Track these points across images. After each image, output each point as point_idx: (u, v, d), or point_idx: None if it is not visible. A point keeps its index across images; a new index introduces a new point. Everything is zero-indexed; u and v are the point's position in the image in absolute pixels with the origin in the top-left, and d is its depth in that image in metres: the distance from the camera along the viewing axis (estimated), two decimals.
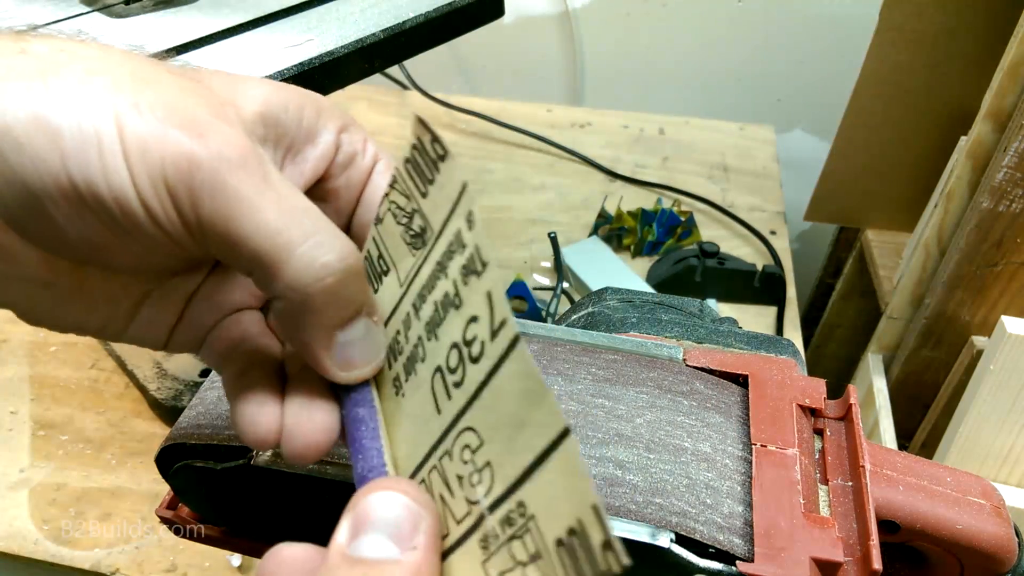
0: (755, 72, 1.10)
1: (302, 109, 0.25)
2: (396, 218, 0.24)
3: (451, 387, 0.21)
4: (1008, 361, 0.63)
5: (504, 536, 0.18)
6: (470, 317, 0.20)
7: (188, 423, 0.32)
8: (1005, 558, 0.30)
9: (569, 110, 1.05)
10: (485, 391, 0.19)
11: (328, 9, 0.53)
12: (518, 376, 0.18)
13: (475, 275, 0.20)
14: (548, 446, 0.17)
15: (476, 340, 0.20)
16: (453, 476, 0.20)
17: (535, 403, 0.17)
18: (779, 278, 0.74)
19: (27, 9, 0.50)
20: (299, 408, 0.23)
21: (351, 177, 0.26)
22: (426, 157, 0.22)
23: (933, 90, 0.80)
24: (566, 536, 0.16)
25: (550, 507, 0.17)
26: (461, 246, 0.20)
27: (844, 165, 0.88)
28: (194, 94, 0.21)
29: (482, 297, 0.19)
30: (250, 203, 0.20)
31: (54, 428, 0.62)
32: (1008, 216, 0.64)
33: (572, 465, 0.16)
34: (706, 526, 0.27)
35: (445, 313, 0.21)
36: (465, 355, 0.20)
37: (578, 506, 0.16)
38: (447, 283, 0.21)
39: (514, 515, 0.18)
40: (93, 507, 0.57)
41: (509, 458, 0.18)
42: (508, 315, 0.19)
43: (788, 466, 0.29)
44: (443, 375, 0.21)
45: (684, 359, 0.34)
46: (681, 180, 0.91)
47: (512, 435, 0.18)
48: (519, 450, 0.18)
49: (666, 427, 0.30)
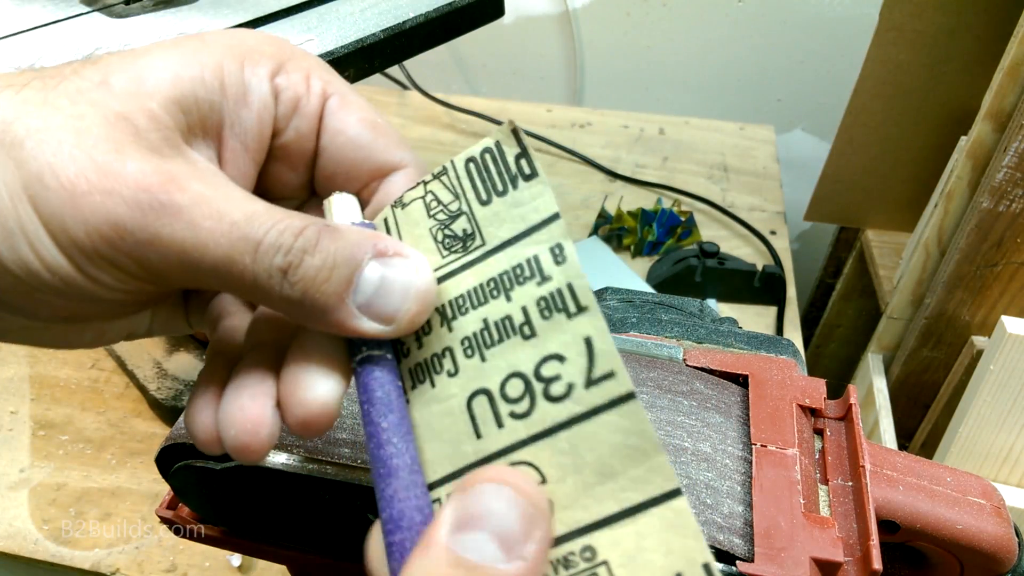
0: (755, 72, 1.10)
1: (221, 69, 0.22)
2: (429, 210, 0.22)
3: (505, 416, 0.20)
4: (1008, 361, 0.63)
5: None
6: (551, 354, 0.19)
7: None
8: (1005, 558, 0.30)
9: (569, 110, 1.05)
10: (563, 432, 0.19)
11: (328, 9, 0.53)
12: (622, 431, 0.18)
13: (563, 313, 0.19)
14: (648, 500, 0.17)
15: (560, 380, 0.19)
16: None
17: (637, 460, 0.18)
18: (779, 278, 0.74)
19: (27, 9, 0.50)
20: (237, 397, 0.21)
21: (299, 127, 0.23)
22: (502, 167, 0.21)
23: (933, 90, 0.80)
24: None
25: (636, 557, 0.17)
26: (540, 275, 0.20)
27: (844, 165, 0.88)
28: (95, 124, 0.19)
29: (575, 339, 0.19)
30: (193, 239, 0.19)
31: (54, 428, 0.62)
32: (1008, 216, 0.64)
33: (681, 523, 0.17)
34: (706, 526, 0.27)
35: (503, 337, 0.20)
36: (538, 390, 0.19)
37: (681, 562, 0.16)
38: (510, 307, 0.20)
39: (575, 558, 0.18)
40: (93, 507, 0.57)
41: (583, 502, 0.18)
42: (619, 369, 0.18)
43: (788, 466, 0.29)
44: (493, 401, 0.20)
45: (684, 359, 0.34)
46: (681, 180, 0.91)
47: (593, 482, 0.18)
48: (599, 498, 0.18)
49: (666, 427, 0.30)
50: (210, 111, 0.22)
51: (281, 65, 0.23)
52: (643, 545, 0.17)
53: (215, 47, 0.22)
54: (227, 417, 0.21)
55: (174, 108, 0.21)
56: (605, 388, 0.18)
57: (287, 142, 0.24)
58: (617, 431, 0.18)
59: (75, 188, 0.19)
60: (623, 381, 0.18)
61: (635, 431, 0.18)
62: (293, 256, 0.20)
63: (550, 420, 0.19)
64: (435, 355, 0.22)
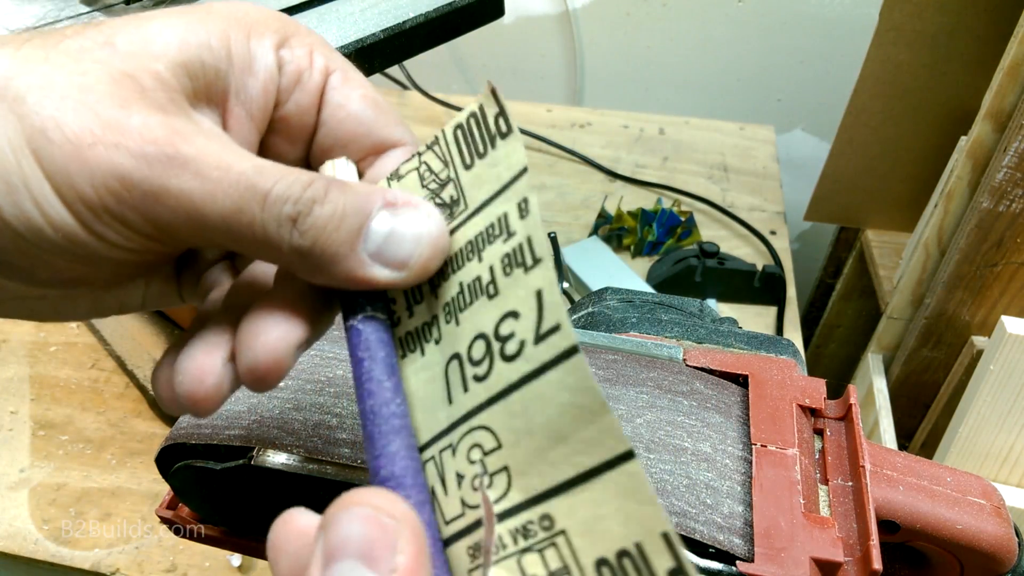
0: (755, 72, 1.10)
1: (227, 39, 0.22)
2: (423, 180, 0.22)
3: (470, 379, 0.19)
4: (1008, 361, 0.63)
5: (514, 547, 0.18)
6: (508, 311, 0.19)
7: (188, 423, 0.32)
8: (1005, 558, 0.30)
9: (569, 110, 1.05)
10: (515, 393, 0.18)
11: (328, 9, 0.53)
12: (568, 388, 0.17)
13: (521, 268, 0.19)
14: (600, 464, 0.16)
15: (513, 338, 0.18)
16: (452, 473, 0.19)
17: (585, 420, 0.17)
18: (779, 278, 0.74)
19: (27, 9, 0.50)
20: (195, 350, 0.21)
21: (300, 101, 0.23)
22: (483, 129, 0.21)
23: (933, 90, 0.80)
24: (615, 558, 0.16)
25: (593, 526, 0.16)
26: (507, 232, 0.19)
27: (844, 165, 0.88)
28: (99, 81, 0.19)
29: (528, 294, 0.18)
30: (201, 190, 0.19)
31: (54, 428, 0.62)
32: (1008, 216, 0.64)
33: (635, 488, 0.16)
34: (706, 526, 0.27)
35: (474, 298, 0.20)
36: (496, 350, 0.19)
37: (639, 530, 0.15)
38: (481, 267, 0.20)
39: (533, 527, 0.17)
40: (93, 507, 0.57)
41: (537, 468, 0.17)
42: (564, 320, 0.17)
43: (788, 466, 0.29)
44: (462, 365, 0.20)
45: (684, 359, 0.34)
46: (681, 180, 0.91)
47: (545, 446, 0.17)
48: (553, 462, 0.17)
49: (666, 427, 0.30)
50: (216, 78, 0.22)
51: (285, 39, 0.23)
52: (600, 513, 0.16)
53: (221, 17, 0.22)
54: (179, 368, 0.21)
55: (180, 71, 0.21)
56: (551, 343, 0.17)
57: (288, 114, 0.23)
58: (563, 389, 0.17)
59: (80, 141, 0.18)
60: (567, 334, 0.17)
61: (580, 388, 0.17)
62: (303, 205, 0.19)
63: (504, 381, 0.18)
64: (425, 323, 0.21)
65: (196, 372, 0.21)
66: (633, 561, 0.15)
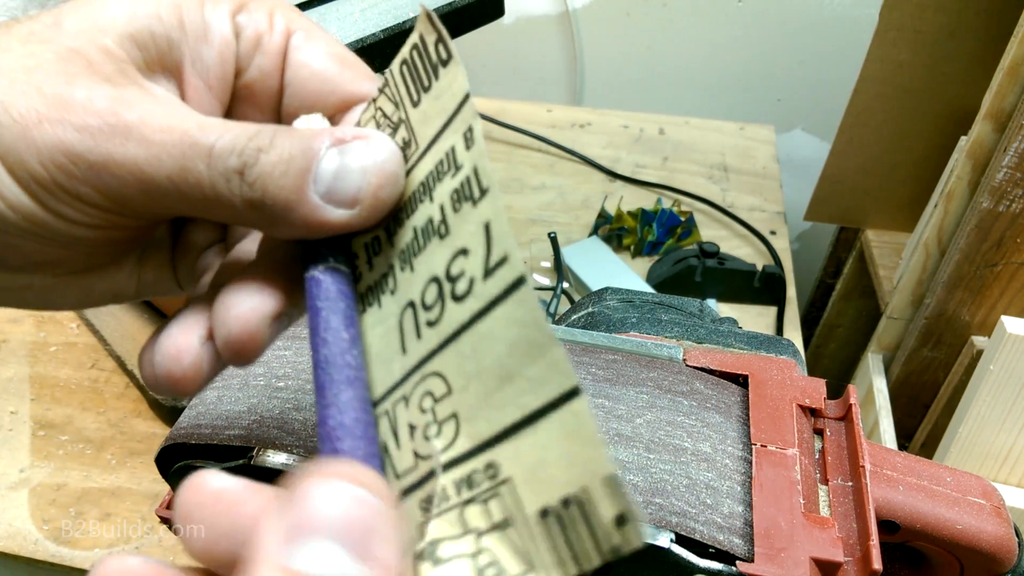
0: (755, 72, 1.10)
1: (179, 8, 0.22)
2: (379, 126, 0.21)
3: (423, 326, 0.18)
4: (1008, 361, 0.63)
5: (457, 499, 0.16)
6: (459, 249, 0.17)
7: (188, 423, 0.32)
8: (1005, 558, 0.30)
9: (569, 110, 1.05)
10: (465, 334, 0.17)
11: (328, 9, 0.53)
12: (516, 323, 0.16)
13: (470, 202, 0.17)
14: (546, 404, 0.15)
15: (463, 276, 0.17)
16: (404, 425, 0.18)
17: (533, 355, 0.15)
18: (779, 278, 0.74)
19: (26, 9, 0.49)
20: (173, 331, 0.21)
21: (263, 65, 0.23)
22: (426, 60, 0.19)
23: (933, 90, 0.80)
24: (558, 506, 0.14)
25: (537, 472, 0.15)
26: (454, 166, 0.18)
27: (844, 165, 0.88)
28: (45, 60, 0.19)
29: (477, 228, 0.17)
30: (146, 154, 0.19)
31: (54, 428, 0.62)
32: (1008, 216, 0.64)
33: (579, 429, 0.14)
34: (706, 526, 0.27)
35: (426, 242, 0.19)
36: (447, 292, 0.18)
37: (583, 475, 0.14)
38: (432, 207, 0.19)
39: (478, 476, 0.16)
40: (93, 507, 0.57)
41: (484, 413, 0.16)
42: (511, 251, 0.16)
43: (788, 466, 0.29)
44: (415, 312, 0.19)
45: (684, 359, 0.34)
46: (681, 180, 0.91)
47: (493, 388, 0.16)
48: (500, 405, 0.16)
49: (666, 427, 0.30)
50: (168, 47, 0.21)
51: (243, 5, 0.23)
52: (544, 457, 0.15)
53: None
54: (157, 348, 0.21)
55: (129, 43, 0.20)
56: (500, 276, 0.16)
57: (251, 81, 0.23)
58: (512, 323, 0.16)
59: (27, 121, 0.19)
60: (514, 265, 0.16)
61: (528, 321, 0.15)
62: (248, 156, 0.19)
63: (455, 323, 0.17)
64: (383, 275, 0.20)
65: (173, 351, 0.21)
66: (579, 508, 0.14)
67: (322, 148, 0.20)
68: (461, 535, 0.16)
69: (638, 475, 0.28)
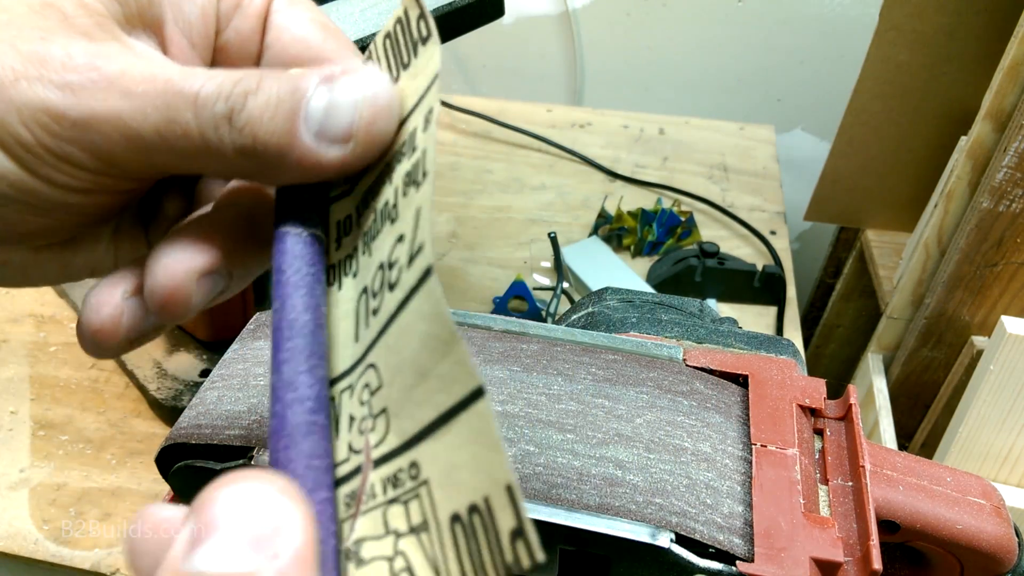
0: (755, 72, 1.10)
1: None
2: None
3: (370, 314, 0.18)
4: (1008, 361, 0.63)
5: (383, 497, 0.16)
6: (399, 235, 0.17)
7: (188, 423, 0.32)
8: (1005, 558, 0.30)
9: (569, 110, 1.05)
10: (392, 326, 0.16)
11: (328, 9, 0.53)
12: (424, 317, 0.15)
13: (415, 186, 0.17)
14: (455, 404, 0.14)
15: (397, 264, 0.17)
16: (346, 416, 0.18)
17: (440, 353, 0.15)
18: (779, 278, 0.74)
19: None
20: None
21: (240, 27, 0.22)
22: (407, 35, 0.19)
23: (933, 90, 0.80)
24: (465, 513, 0.14)
25: (450, 476, 0.14)
26: (412, 149, 0.17)
27: (844, 165, 0.88)
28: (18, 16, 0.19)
29: (414, 214, 0.16)
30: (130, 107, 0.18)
31: (54, 428, 0.62)
32: (1008, 216, 0.64)
33: (482, 432, 0.14)
34: (706, 526, 0.27)
35: (382, 225, 0.18)
36: (386, 279, 0.17)
37: (486, 482, 0.13)
38: (390, 190, 0.18)
39: (403, 476, 0.15)
40: (93, 507, 0.57)
41: (408, 409, 0.16)
42: (427, 239, 0.15)
43: (788, 466, 0.29)
44: (367, 298, 0.18)
45: (684, 359, 0.34)
46: (681, 180, 0.91)
47: (412, 383, 0.15)
48: (419, 402, 0.15)
49: (666, 427, 0.30)
50: (148, 2, 0.21)
51: None
52: (456, 460, 0.14)
53: None
54: (84, 303, 0.21)
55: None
56: (416, 265, 0.16)
57: (228, 41, 0.22)
58: (422, 317, 0.15)
59: (2, 80, 0.18)
60: (427, 254, 0.15)
61: (434, 315, 0.15)
62: (235, 100, 0.19)
63: (387, 313, 0.17)
64: (348, 255, 0.20)
65: (94, 302, 0.21)
66: (481, 517, 0.13)
67: (310, 87, 0.19)
68: (383, 535, 0.15)
69: (638, 475, 0.28)
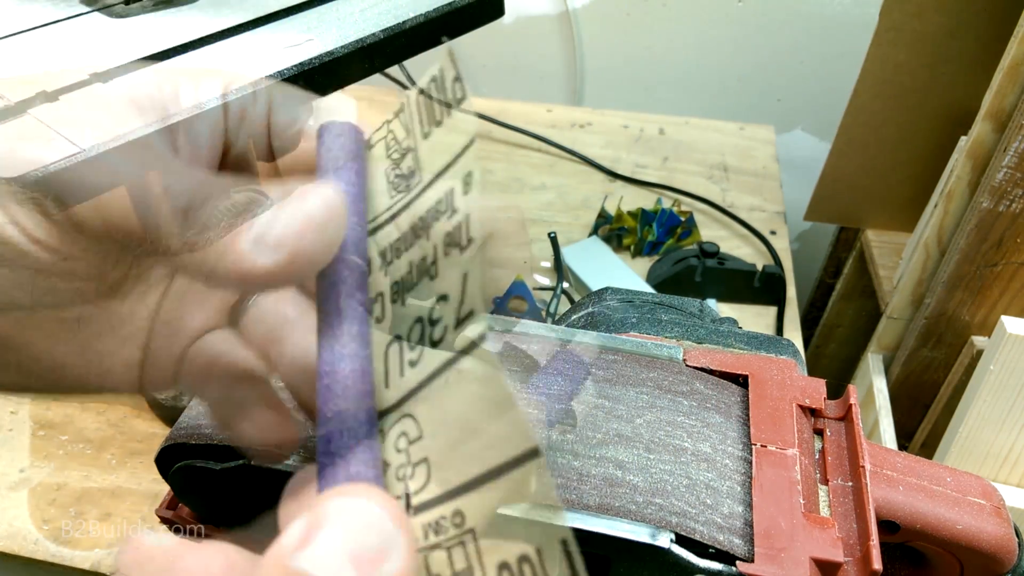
0: (755, 72, 1.10)
1: (177, 85, 0.23)
2: (388, 150, 0.22)
3: (407, 365, 0.18)
4: (1008, 361, 0.63)
5: (425, 543, 0.17)
6: (442, 294, 0.18)
7: (188, 423, 0.32)
8: (1005, 558, 0.30)
9: (569, 110, 1.05)
10: (436, 381, 0.17)
11: (328, 9, 0.53)
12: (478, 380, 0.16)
13: (458, 249, 0.18)
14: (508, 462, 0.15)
15: (441, 323, 0.18)
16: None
17: (494, 413, 0.16)
18: (779, 278, 0.74)
19: (27, 9, 0.49)
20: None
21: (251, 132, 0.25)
22: (442, 94, 0.20)
23: (933, 90, 0.80)
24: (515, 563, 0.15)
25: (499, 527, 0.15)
26: (452, 210, 0.18)
27: (844, 165, 0.88)
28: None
29: (459, 276, 0.17)
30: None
31: (54, 428, 0.62)
32: (1008, 216, 0.64)
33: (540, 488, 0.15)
34: (706, 526, 0.27)
35: (419, 279, 0.19)
36: (427, 334, 0.18)
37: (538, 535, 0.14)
38: (428, 246, 0.19)
39: (445, 523, 0.16)
40: (93, 507, 0.57)
41: (453, 462, 0.17)
42: (478, 308, 0.17)
43: (788, 466, 0.29)
44: (401, 349, 0.19)
45: (684, 359, 0.34)
46: (681, 180, 0.91)
47: (460, 438, 0.16)
48: (467, 456, 0.16)
49: (666, 427, 0.30)
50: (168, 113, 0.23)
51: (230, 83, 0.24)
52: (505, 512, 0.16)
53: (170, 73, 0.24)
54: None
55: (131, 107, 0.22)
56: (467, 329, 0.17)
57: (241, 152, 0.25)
58: (474, 379, 0.16)
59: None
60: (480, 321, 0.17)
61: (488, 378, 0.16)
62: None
63: (430, 367, 0.18)
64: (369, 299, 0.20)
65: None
66: (532, 567, 0.14)
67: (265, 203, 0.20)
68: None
69: (638, 475, 0.28)
